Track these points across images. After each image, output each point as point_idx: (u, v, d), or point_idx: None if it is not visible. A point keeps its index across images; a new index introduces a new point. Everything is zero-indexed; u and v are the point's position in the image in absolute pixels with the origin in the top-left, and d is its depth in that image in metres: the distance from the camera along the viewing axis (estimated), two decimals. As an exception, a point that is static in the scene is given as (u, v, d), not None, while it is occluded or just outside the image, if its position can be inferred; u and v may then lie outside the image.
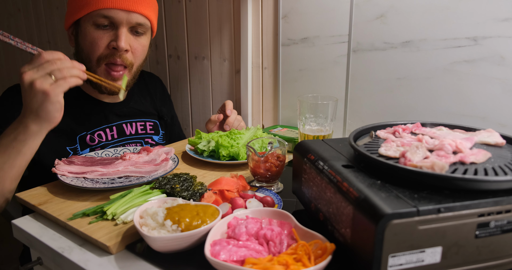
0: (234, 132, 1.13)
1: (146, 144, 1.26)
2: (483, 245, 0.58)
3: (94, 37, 1.05)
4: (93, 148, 1.14)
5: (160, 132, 1.32)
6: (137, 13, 1.06)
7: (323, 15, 1.24)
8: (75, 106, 1.13)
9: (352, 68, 1.23)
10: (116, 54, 1.05)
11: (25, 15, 2.34)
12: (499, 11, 0.96)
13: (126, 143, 1.21)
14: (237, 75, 1.50)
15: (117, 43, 1.04)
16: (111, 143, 1.18)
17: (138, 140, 1.24)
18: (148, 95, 1.33)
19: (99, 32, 1.05)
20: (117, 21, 1.04)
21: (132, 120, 1.24)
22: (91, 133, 1.14)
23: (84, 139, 1.13)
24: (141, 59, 1.14)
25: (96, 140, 1.14)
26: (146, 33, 1.12)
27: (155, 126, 1.30)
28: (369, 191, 0.58)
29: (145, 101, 1.31)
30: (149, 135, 1.27)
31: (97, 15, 1.03)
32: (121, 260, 0.69)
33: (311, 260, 0.60)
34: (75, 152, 1.12)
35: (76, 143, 1.12)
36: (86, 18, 1.06)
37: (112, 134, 1.18)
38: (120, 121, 1.21)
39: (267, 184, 0.95)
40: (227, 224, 0.70)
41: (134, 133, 1.24)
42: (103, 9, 1.03)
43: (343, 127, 1.29)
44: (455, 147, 0.67)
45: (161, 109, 1.35)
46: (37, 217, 0.83)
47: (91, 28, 1.05)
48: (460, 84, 1.06)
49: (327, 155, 0.74)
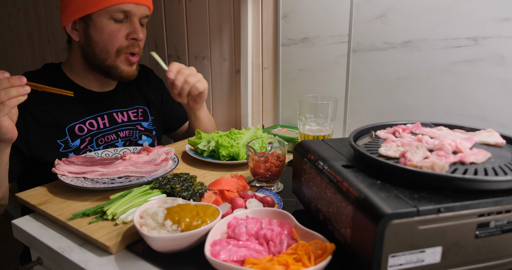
0: (234, 132, 1.13)
1: (136, 131, 1.28)
2: (483, 245, 0.58)
3: (113, 30, 1.10)
4: (83, 138, 1.15)
5: (149, 118, 1.33)
6: (145, 5, 1.14)
7: (323, 15, 1.24)
8: (64, 96, 1.14)
9: (352, 68, 1.23)
10: (136, 44, 1.14)
11: (25, 15, 2.34)
12: (499, 11, 0.96)
13: (119, 131, 1.23)
14: (237, 75, 1.50)
15: (137, 34, 1.12)
16: (102, 131, 1.19)
17: (130, 127, 1.27)
18: (135, 83, 1.35)
19: (116, 25, 1.11)
20: (132, 14, 1.11)
21: (123, 109, 1.27)
22: (82, 123, 1.16)
23: (73, 130, 1.14)
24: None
25: (85, 130, 1.16)
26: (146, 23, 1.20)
27: (144, 112, 1.33)
28: (369, 191, 0.58)
29: (132, 89, 1.33)
30: (139, 121, 1.30)
31: (115, 10, 1.09)
32: (121, 260, 0.69)
33: (311, 260, 0.60)
34: (66, 144, 1.13)
35: (66, 135, 1.13)
36: (101, 13, 1.09)
37: (104, 122, 1.20)
38: (111, 109, 1.24)
39: (267, 184, 0.95)
40: (227, 224, 0.70)
41: (126, 121, 1.26)
42: (121, 4, 1.09)
43: (343, 127, 1.29)
44: (455, 147, 0.67)
45: (148, 95, 1.36)
46: (37, 217, 0.83)
47: (108, 22, 1.10)
48: (460, 84, 1.06)
49: (327, 155, 0.74)
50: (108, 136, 1.20)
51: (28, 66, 2.48)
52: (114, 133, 1.22)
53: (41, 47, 2.33)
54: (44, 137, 1.09)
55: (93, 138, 1.17)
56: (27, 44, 2.41)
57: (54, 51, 2.25)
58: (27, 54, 2.45)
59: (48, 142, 1.10)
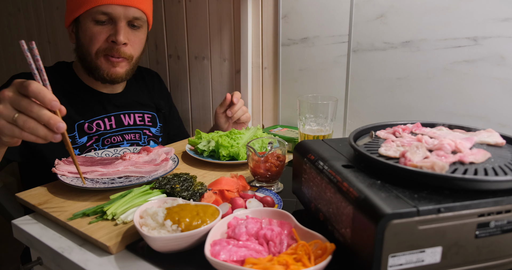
0: (234, 132, 1.13)
1: (144, 136, 1.28)
2: (483, 245, 0.58)
3: (94, 32, 1.09)
4: (91, 136, 1.16)
5: (158, 124, 1.34)
6: (133, 7, 1.10)
7: (323, 15, 1.24)
8: (74, 95, 1.17)
9: (352, 68, 1.23)
10: (114, 48, 1.10)
11: (25, 15, 2.34)
12: (499, 11, 0.96)
13: (124, 133, 1.23)
14: (237, 75, 1.50)
15: (116, 37, 1.08)
16: (109, 132, 1.20)
17: (136, 131, 1.27)
18: (146, 89, 1.36)
19: (98, 27, 1.09)
20: (115, 16, 1.08)
21: (130, 111, 1.27)
22: (90, 122, 1.16)
23: (82, 127, 1.15)
24: (139, 51, 1.19)
25: (94, 129, 1.17)
26: (142, 26, 1.16)
27: (153, 119, 1.33)
28: (369, 191, 0.58)
29: (143, 94, 1.34)
30: (147, 126, 1.30)
31: (96, 12, 1.07)
32: (121, 260, 0.69)
33: (311, 260, 0.60)
34: (73, 139, 1.13)
35: (74, 131, 1.14)
36: (86, 15, 1.09)
37: (111, 124, 1.21)
38: (119, 111, 1.24)
39: (267, 184, 0.95)
40: (227, 224, 0.70)
41: (132, 124, 1.26)
42: (101, 6, 1.07)
43: (343, 127, 1.29)
44: (455, 147, 0.67)
45: (159, 102, 1.37)
46: (37, 217, 0.83)
47: (91, 24, 1.09)
48: (460, 84, 1.06)
49: (327, 155, 0.74)
50: (115, 137, 1.21)
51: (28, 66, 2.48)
52: (120, 135, 1.22)
53: (41, 47, 2.33)
54: None
55: (100, 138, 1.17)
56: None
57: (54, 51, 2.25)
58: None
59: None
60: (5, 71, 2.70)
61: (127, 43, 1.11)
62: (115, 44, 1.09)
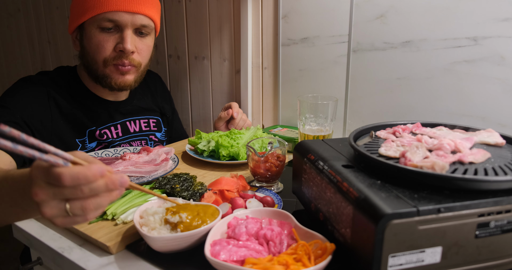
0: (234, 132, 1.13)
1: (150, 142, 1.28)
2: (483, 245, 0.58)
3: (100, 40, 1.05)
4: (101, 142, 1.16)
5: (163, 129, 1.34)
6: (141, 14, 1.06)
7: (323, 15, 1.24)
8: (83, 103, 1.16)
9: (352, 68, 1.23)
10: (123, 56, 1.07)
11: (25, 15, 2.34)
12: (499, 11, 0.96)
13: (131, 141, 1.23)
14: (237, 75, 1.50)
15: (123, 45, 1.05)
16: (116, 140, 1.19)
17: (142, 138, 1.26)
18: (149, 93, 1.35)
19: (104, 35, 1.05)
20: (122, 24, 1.04)
21: (135, 118, 1.26)
22: (100, 129, 1.17)
23: (94, 133, 1.15)
24: (148, 59, 1.15)
25: (104, 136, 1.17)
26: (150, 33, 1.13)
27: (158, 123, 1.32)
28: (369, 191, 0.58)
29: (147, 98, 1.33)
30: (152, 132, 1.29)
31: (102, 19, 1.03)
32: (121, 260, 0.69)
33: (311, 260, 0.60)
34: (83, 144, 1.13)
35: (85, 136, 1.13)
36: (91, 22, 1.05)
37: (117, 132, 1.20)
38: (124, 119, 1.23)
39: (267, 184, 0.95)
40: (227, 224, 0.70)
41: (138, 131, 1.25)
42: (107, 13, 1.03)
43: (343, 127, 1.29)
44: (454, 146, 0.67)
45: (163, 106, 1.36)
46: (37, 217, 0.83)
47: (96, 31, 1.05)
48: (460, 84, 1.06)
49: (327, 155, 0.74)
50: (123, 145, 1.21)
51: (28, 66, 2.48)
52: (127, 143, 1.22)
53: (41, 47, 2.33)
54: (66, 133, 1.10)
55: (109, 144, 1.18)
56: (27, 44, 2.41)
57: (54, 51, 2.25)
58: (27, 54, 2.45)
59: (68, 139, 1.11)
60: (5, 71, 2.70)
61: (134, 51, 1.08)
62: (122, 52, 1.06)
